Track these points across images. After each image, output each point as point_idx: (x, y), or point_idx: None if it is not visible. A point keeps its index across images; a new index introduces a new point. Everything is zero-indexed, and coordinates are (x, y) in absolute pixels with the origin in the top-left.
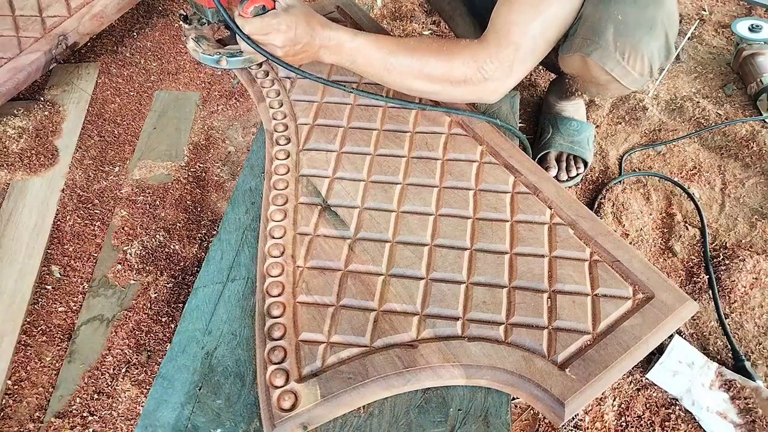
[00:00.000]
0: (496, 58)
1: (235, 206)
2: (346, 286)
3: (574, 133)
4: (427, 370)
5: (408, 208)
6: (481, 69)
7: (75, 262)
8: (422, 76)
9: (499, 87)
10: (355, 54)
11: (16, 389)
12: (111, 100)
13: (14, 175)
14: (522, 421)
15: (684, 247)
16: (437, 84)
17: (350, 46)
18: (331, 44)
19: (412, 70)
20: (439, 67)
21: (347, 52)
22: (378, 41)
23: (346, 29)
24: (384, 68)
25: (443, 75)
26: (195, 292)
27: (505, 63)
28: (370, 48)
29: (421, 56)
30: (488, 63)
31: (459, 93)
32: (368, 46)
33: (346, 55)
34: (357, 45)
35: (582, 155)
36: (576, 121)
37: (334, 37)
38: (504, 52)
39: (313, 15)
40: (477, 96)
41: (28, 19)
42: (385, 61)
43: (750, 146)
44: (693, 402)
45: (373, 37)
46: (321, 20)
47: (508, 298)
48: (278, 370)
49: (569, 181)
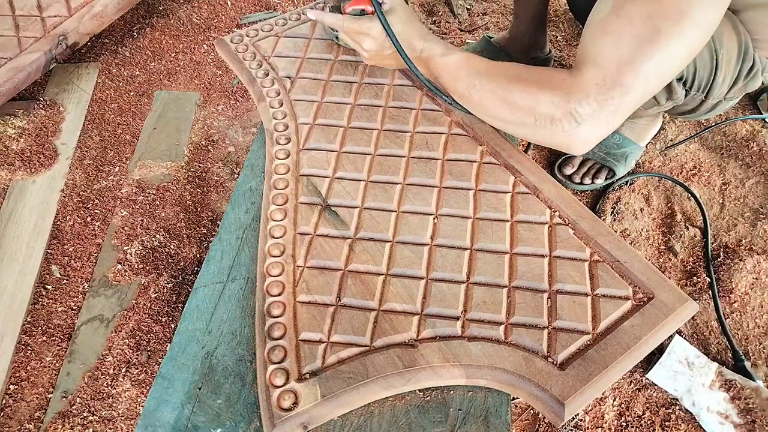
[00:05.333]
0: (595, 100)
1: (235, 206)
2: (346, 285)
3: (614, 146)
4: (427, 370)
5: (408, 208)
6: (574, 111)
7: (75, 262)
8: (505, 103)
9: (590, 135)
10: (442, 69)
11: (16, 389)
12: (111, 100)
13: (14, 175)
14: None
15: (684, 247)
16: (518, 114)
17: (439, 60)
18: (422, 56)
19: (494, 95)
20: (524, 97)
21: (435, 65)
22: (468, 60)
23: (442, 43)
24: (467, 88)
25: (527, 107)
26: (195, 292)
27: (608, 108)
28: (458, 65)
29: (508, 82)
30: (584, 105)
31: (542, 134)
32: (457, 63)
33: (434, 69)
34: (447, 61)
35: (612, 166)
36: (620, 136)
37: (426, 48)
38: (607, 94)
39: (411, 23)
40: (562, 141)
41: (28, 19)
42: (469, 81)
43: (750, 146)
44: (693, 402)
45: (464, 55)
46: (418, 30)
47: (508, 298)
48: (278, 370)
49: (581, 185)
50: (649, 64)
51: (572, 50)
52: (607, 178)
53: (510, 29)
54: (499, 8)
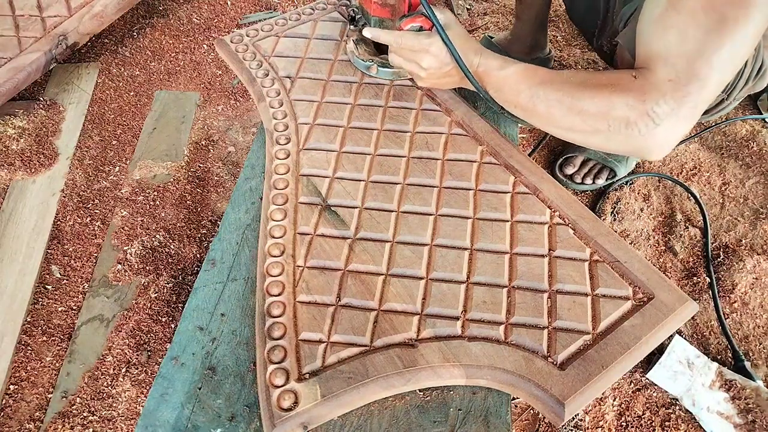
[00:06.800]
0: (671, 98)
1: (235, 206)
2: (346, 285)
3: None
4: (427, 370)
5: (408, 208)
6: (651, 111)
7: (75, 262)
8: (574, 111)
9: (670, 136)
10: (502, 83)
11: (16, 389)
12: (111, 100)
13: (14, 175)
14: (522, 421)
15: (684, 247)
16: (590, 121)
17: (498, 74)
18: (479, 71)
19: (562, 104)
20: (595, 103)
21: (494, 80)
22: (527, 71)
23: (498, 56)
24: (530, 100)
25: (599, 113)
26: (195, 292)
27: (686, 104)
28: (518, 78)
29: (575, 89)
30: (661, 104)
31: (616, 140)
32: (517, 75)
33: (492, 83)
34: (506, 74)
35: (612, 166)
36: None
37: (483, 63)
38: (684, 90)
39: (467, 39)
40: (638, 145)
41: (28, 19)
42: (531, 92)
43: (750, 146)
44: (693, 402)
45: (523, 66)
46: (474, 46)
47: (508, 298)
48: (278, 370)
49: (582, 185)
50: (722, 53)
51: (572, 50)
52: (608, 179)
53: (512, 30)
54: (499, 8)
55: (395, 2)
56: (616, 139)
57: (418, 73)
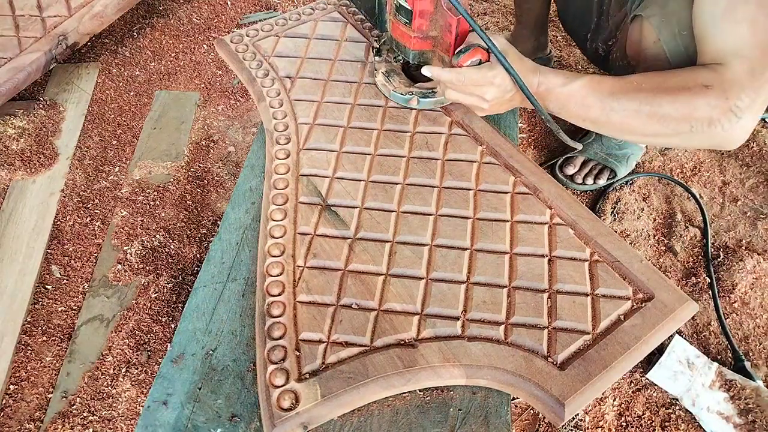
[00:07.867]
0: (750, 89)
1: (235, 206)
2: (346, 285)
3: (615, 147)
4: (427, 370)
5: (408, 208)
6: (734, 106)
7: (75, 262)
8: (654, 118)
9: (750, 125)
10: (567, 99)
11: (16, 389)
12: (111, 100)
13: (14, 175)
14: (522, 421)
15: (684, 247)
16: (672, 125)
17: (561, 91)
18: (540, 90)
19: (640, 113)
20: (677, 108)
21: (557, 97)
22: (592, 82)
23: (558, 72)
24: (603, 113)
25: (682, 116)
26: (195, 292)
27: (763, 94)
28: (585, 91)
29: (653, 96)
30: (743, 98)
31: (698, 139)
32: (583, 90)
33: (555, 101)
34: (570, 90)
35: (613, 167)
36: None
37: (543, 82)
38: (761, 79)
39: (523, 60)
40: (721, 140)
41: (28, 19)
42: (603, 104)
43: (750, 146)
44: (693, 402)
45: (587, 79)
46: (529, 65)
47: (508, 298)
48: (278, 370)
49: (582, 185)
50: None
51: (572, 50)
52: (608, 179)
53: (513, 32)
54: (499, 8)
55: (438, 34)
56: (697, 138)
57: (481, 106)
